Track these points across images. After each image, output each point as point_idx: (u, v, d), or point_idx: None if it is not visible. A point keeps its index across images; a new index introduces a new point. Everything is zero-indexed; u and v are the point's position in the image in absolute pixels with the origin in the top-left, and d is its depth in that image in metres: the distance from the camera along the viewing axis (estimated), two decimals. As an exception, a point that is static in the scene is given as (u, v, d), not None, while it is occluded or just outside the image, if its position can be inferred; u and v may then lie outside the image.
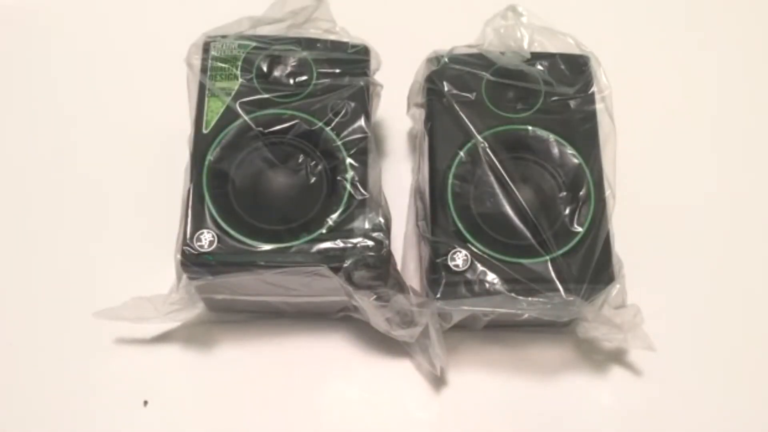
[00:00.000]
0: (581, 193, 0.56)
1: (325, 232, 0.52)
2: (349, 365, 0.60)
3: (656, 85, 0.74)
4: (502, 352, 0.60)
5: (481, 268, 0.53)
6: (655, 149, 0.70)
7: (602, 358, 0.61)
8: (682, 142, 0.71)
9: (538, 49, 0.60)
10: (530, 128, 0.57)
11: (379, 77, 0.59)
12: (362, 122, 0.56)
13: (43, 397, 0.58)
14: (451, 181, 0.56)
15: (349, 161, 0.55)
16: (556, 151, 0.57)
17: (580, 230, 0.54)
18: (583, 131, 0.58)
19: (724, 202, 0.68)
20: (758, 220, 0.68)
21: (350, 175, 0.54)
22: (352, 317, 0.58)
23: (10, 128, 0.70)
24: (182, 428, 0.58)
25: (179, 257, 0.52)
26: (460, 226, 0.54)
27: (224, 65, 0.57)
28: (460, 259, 0.53)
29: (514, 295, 0.52)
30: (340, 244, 0.52)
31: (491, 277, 0.53)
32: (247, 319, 0.60)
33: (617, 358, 0.61)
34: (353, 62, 0.58)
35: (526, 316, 0.55)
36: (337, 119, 0.56)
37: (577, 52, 0.60)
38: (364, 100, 0.57)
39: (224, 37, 0.58)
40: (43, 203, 0.66)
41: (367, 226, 0.53)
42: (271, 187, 0.55)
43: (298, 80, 0.57)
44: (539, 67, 0.59)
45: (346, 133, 0.56)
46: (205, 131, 0.55)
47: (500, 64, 0.59)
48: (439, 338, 0.55)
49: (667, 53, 0.77)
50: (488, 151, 0.56)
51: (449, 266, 0.53)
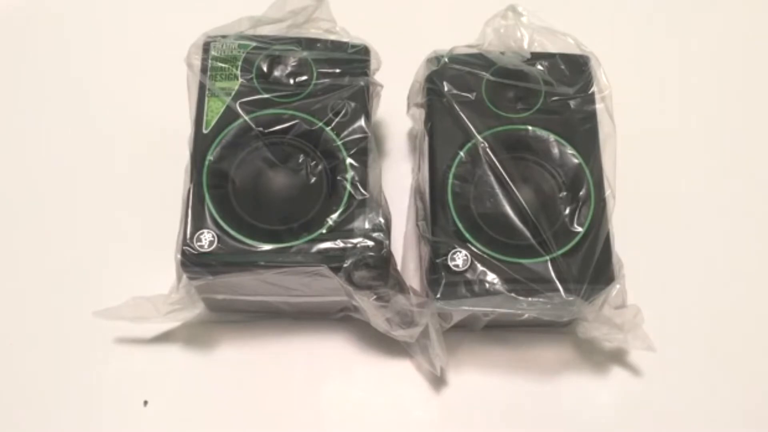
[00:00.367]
0: (581, 193, 0.56)
1: (325, 232, 0.52)
2: (349, 365, 0.60)
3: (656, 85, 0.74)
4: (502, 352, 0.60)
5: (481, 268, 0.53)
6: (655, 149, 0.70)
7: (602, 358, 0.61)
8: (682, 142, 0.71)
9: (538, 49, 0.60)
10: (530, 128, 0.57)
11: (379, 77, 0.59)
12: (362, 122, 0.56)
13: (43, 396, 0.58)
14: (451, 181, 0.56)
15: (349, 161, 0.55)
16: (556, 151, 0.57)
17: (580, 230, 0.54)
18: (583, 131, 0.58)
19: (724, 202, 0.68)
20: (758, 220, 0.68)
21: (350, 175, 0.54)
22: (352, 317, 0.58)
23: (10, 128, 0.70)
24: (182, 428, 0.58)
25: (179, 257, 0.52)
26: (460, 226, 0.54)
27: (224, 65, 0.57)
28: (460, 259, 0.53)
29: (514, 295, 0.52)
30: (340, 244, 0.52)
31: (491, 277, 0.52)
32: (247, 319, 0.60)
33: (617, 358, 0.61)
34: (353, 62, 0.58)
35: (526, 316, 0.55)
36: (337, 119, 0.56)
37: (577, 52, 0.60)
38: (364, 100, 0.57)
39: (224, 37, 0.58)
40: (43, 203, 0.66)
41: (367, 226, 0.53)
42: (271, 187, 0.55)
43: (298, 80, 0.57)
44: (539, 67, 0.59)
45: (346, 133, 0.56)
46: (205, 131, 0.55)
47: (500, 64, 0.59)
48: (439, 338, 0.55)
49: (667, 53, 0.77)
50: (488, 151, 0.56)
51: (449, 266, 0.53)
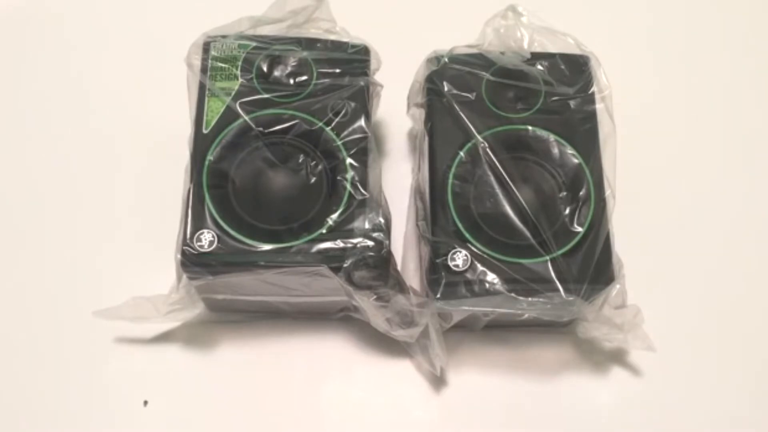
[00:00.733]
0: (581, 193, 0.56)
1: (325, 232, 0.52)
2: (349, 365, 0.60)
3: (656, 85, 0.74)
4: (502, 352, 0.60)
5: (481, 268, 0.53)
6: (655, 149, 0.70)
7: (602, 358, 0.61)
8: (682, 141, 0.71)
9: (538, 49, 0.60)
10: (530, 128, 0.57)
11: (379, 77, 0.59)
12: (362, 122, 0.56)
13: (43, 396, 0.58)
14: (451, 181, 0.56)
15: (349, 161, 0.55)
16: (556, 151, 0.57)
17: (580, 230, 0.54)
18: (583, 131, 0.58)
19: (724, 201, 0.68)
20: (758, 219, 0.68)
21: (350, 175, 0.54)
22: (352, 317, 0.58)
23: (9, 128, 0.70)
24: (182, 428, 0.58)
25: (179, 257, 0.52)
26: (460, 226, 0.54)
27: (224, 65, 0.57)
28: (460, 259, 0.53)
29: (514, 295, 0.52)
30: (340, 244, 0.52)
31: (491, 277, 0.52)
32: (247, 319, 0.60)
33: (617, 358, 0.61)
34: (353, 62, 0.58)
35: (526, 316, 0.55)
36: (337, 119, 0.56)
37: (577, 52, 0.60)
38: (364, 100, 0.57)
39: (224, 37, 0.58)
40: (43, 203, 0.66)
41: (367, 226, 0.53)
42: (271, 187, 0.55)
43: (298, 80, 0.57)
44: (539, 67, 0.59)
45: (346, 133, 0.56)
46: (205, 131, 0.55)
47: (500, 64, 0.59)
48: (439, 338, 0.55)
49: (667, 53, 0.77)
50: (488, 151, 0.56)
51: (449, 266, 0.53)
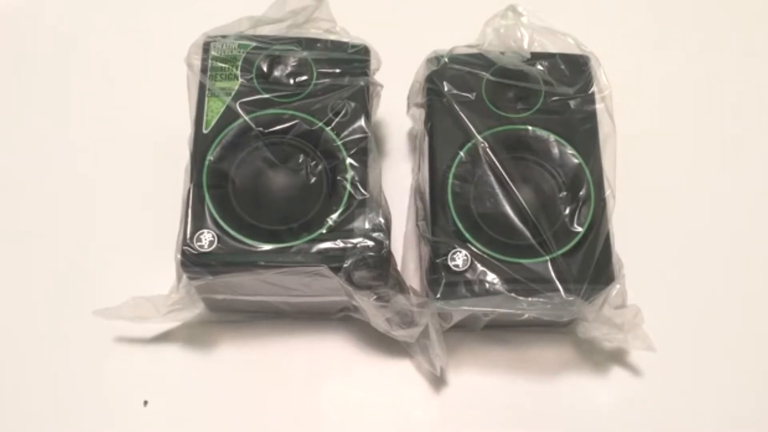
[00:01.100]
0: (581, 193, 0.56)
1: (325, 232, 0.52)
2: (349, 365, 0.60)
3: (656, 85, 0.74)
4: (502, 352, 0.60)
5: (481, 268, 0.53)
6: (655, 149, 0.70)
7: (602, 358, 0.61)
8: (682, 141, 0.71)
9: (538, 49, 0.60)
10: (530, 128, 0.57)
11: (379, 77, 0.59)
12: (362, 122, 0.56)
13: (43, 396, 0.58)
14: (451, 181, 0.56)
15: (349, 161, 0.55)
16: (556, 151, 0.57)
17: (580, 230, 0.54)
18: (583, 131, 0.58)
19: (724, 201, 0.68)
20: (758, 220, 0.68)
21: (350, 175, 0.54)
22: (352, 317, 0.58)
23: (10, 128, 0.70)
24: (182, 428, 0.58)
25: (179, 257, 0.52)
26: (460, 226, 0.54)
27: (224, 65, 0.57)
28: (460, 259, 0.53)
29: (514, 295, 0.52)
30: (340, 244, 0.52)
31: (491, 277, 0.52)
32: (247, 319, 0.60)
33: (617, 358, 0.61)
34: (353, 62, 0.58)
35: (526, 316, 0.55)
36: (337, 119, 0.56)
37: (577, 52, 0.60)
38: (364, 100, 0.57)
39: (224, 37, 0.58)
40: (43, 203, 0.66)
41: (367, 226, 0.53)
42: (271, 187, 0.55)
43: (298, 80, 0.57)
44: (539, 67, 0.59)
45: (346, 133, 0.56)
46: (205, 131, 0.55)
47: (500, 64, 0.59)
48: (439, 338, 0.55)
49: (667, 53, 0.77)
50: (488, 151, 0.56)
51: (449, 266, 0.53)
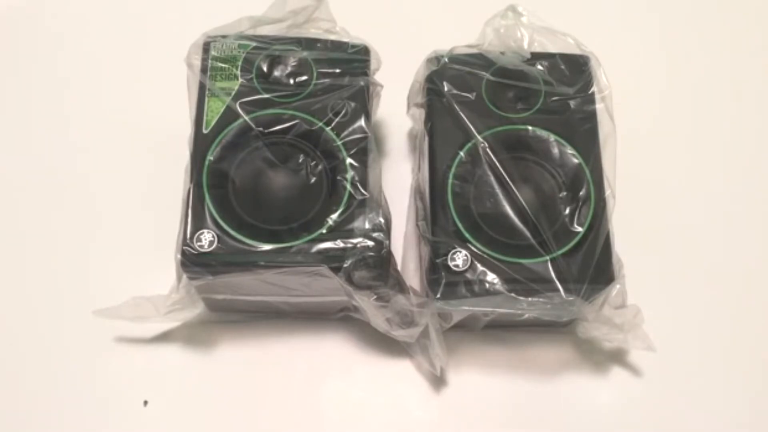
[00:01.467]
0: (581, 193, 0.56)
1: (325, 232, 0.52)
2: (349, 365, 0.60)
3: (656, 85, 0.74)
4: (502, 352, 0.60)
5: (481, 268, 0.53)
6: (655, 149, 0.70)
7: (602, 358, 0.61)
8: (682, 141, 0.71)
9: (538, 49, 0.60)
10: (530, 128, 0.57)
11: (379, 77, 0.59)
12: (362, 122, 0.56)
13: (43, 396, 0.58)
14: (451, 181, 0.56)
15: (349, 161, 0.55)
16: (556, 151, 0.57)
17: (580, 230, 0.54)
18: (583, 131, 0.58)
19: (724, 201, 0.68)
20: (759, 220, 0.68)
21: (350, 175, 0.54)
22: (352, 317, 0.58)
23: (10, 128, 0.70)
24: (182, 428, 0.58)
25: (179, 257, 0.52)
26: (460, 226, 0.54)
27: (224, 65, 0.57)
28: (460, 259, 0.53)
29: (514, 295, 0.52)
30: (340, 244, 0.52)
31: (491, 277, 0.52)
32: (247, 319, 0.60)
33: (617, 358, 0.61)
34: (353, 62, 0.58)
35: (526, 316, 0.55)
36: (337, 119, 0.56)
37: (577, 52, 0.60)
38: (364, 100, 0.57)
39: (224, 37, 0.58)
40: (43, 203, 0.66)
41: (367, 226, 0.53)
42: (271, 187, 0.55)
43: (298, 80, 0.57)
44: (539, 67, 0.59)
45: (346, 133, 0.56)
46: (205, 131, 0.55)
47: (500, 64, 0.59)
48: (439, 338, 0.55)
49: (667, 53, 0.77)
50: (488, 151, 0.56)
51: (449, 266, 0.53)
